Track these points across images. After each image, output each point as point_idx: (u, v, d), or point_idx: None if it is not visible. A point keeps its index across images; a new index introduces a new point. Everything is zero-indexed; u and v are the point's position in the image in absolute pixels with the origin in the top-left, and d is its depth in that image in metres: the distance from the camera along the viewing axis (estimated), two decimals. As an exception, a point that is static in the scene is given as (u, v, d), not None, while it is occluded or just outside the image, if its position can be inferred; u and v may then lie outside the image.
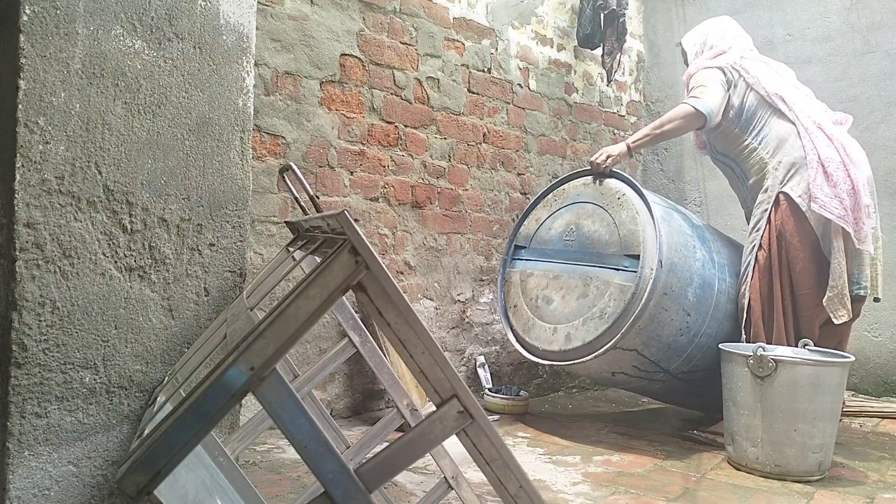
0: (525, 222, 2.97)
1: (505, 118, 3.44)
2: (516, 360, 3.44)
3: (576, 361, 2.57)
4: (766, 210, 2.60)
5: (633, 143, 2.77)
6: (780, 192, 2.57)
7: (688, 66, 2.90)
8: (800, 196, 2.52)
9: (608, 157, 2.73)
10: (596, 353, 2.49)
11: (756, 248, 2.61)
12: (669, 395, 2.91)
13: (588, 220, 2.72)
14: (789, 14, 3.81)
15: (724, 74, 2.69)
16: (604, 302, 2.52)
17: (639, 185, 2.64)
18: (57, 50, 1.17)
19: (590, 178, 2.80)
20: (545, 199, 2.93)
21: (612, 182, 2.72)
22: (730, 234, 3.38)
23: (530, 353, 2.75)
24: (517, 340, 2.82)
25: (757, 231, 2.62)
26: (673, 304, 2.48)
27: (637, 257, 2.49)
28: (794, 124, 2.60)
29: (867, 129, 3.53)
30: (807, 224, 2.52)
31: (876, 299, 2.65)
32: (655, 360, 2.59)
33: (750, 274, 2.61)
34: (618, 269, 2.54)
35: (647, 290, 2.42)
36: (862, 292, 2.56)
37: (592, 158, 2.77)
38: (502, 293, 2.96)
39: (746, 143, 2.68)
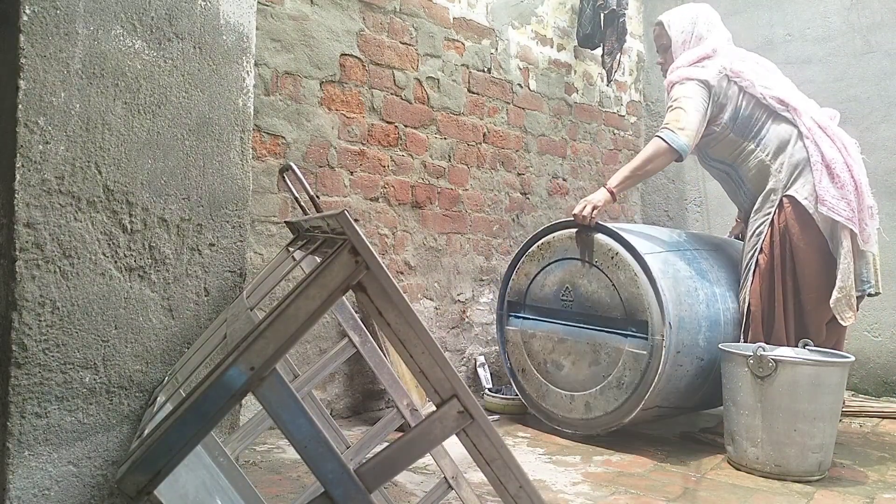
0: (513, 276, 2.85)
1: (505, 118, 3.44)
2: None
3: (601, 431, 2.57)
4: (769, 213, 2.57)
5: (616, 188, 2.60)
6: (783, 195, 2.54)
7: (668, 46, 2.73)
8: (806, 198, 2.49)
9: (593, 208, 2.55)
10: (621, 423, 2.50)
11: (757, 252, 2.58)
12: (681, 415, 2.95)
13: (584, 280, 2.61)
14: (789, 14, 3.82)
15: (709, 89, 2.57)
16: (618, 371, 2.47)
17: (628, 240, 2.49)
18: (57, 50, 1.17)
19: (574, 230, 2.64)
20: (530, 250, 2.79)
21: (601, 237, 2.56)
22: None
23: (548, 419, 2.71)
24: (532, 406, 2.78)
25: (758, 235, 2.58)
26: (686, 357, 2.47)
27: (644, 321, 2.42)
28: (794, 125, 2.55)
29: (867, 129, 3.53)
30: (814, 226, 2.49)
31: (874, 294, 2.63)
32: (675, 406, 2.63)
33: (750, 278, 2.59)
34: (626, 335, 2.46)
35: (662, 357, 2.37)
36: (871, 290, 2.55)
37: (576, 211, 2.58)
38: (505, 353, 2.88)
39: (743, 146, 2.62)
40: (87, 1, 1.21)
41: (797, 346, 2.46)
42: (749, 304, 2.57)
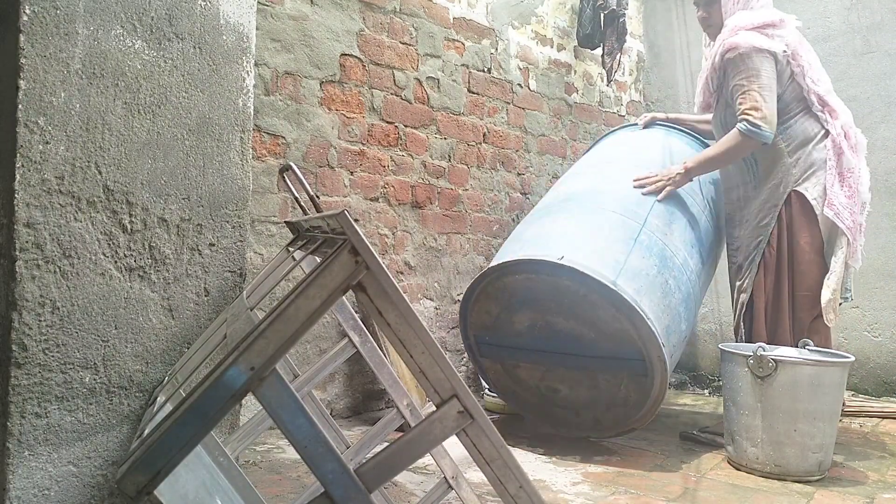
0: (471, 312, 2.56)
1: (505, 118, 3.44)
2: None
3: (613, 435, 2.55)
4: (777, 206, 2.55)
5: (696, 169, 2.52)
6: (792, 191, 2.53)
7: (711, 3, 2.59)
8: (815, 199, 2.48)
9: (669, 180, 2.51)
10: (633, 428, 2.49)
11: (764, 245, 2.57)
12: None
13: (559, 318, 2.40)
14: (789, 14, 3.81)
15: (776, 64, 2.44)
16: (623, 392, 2.42)
17: (594, 277, 2.22)
18: (57, 50, 1.17)
19: (534, 273, 2.34)
20: (481, 286, 2.49)
21: (564, 281, 2.30)
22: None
23: (555, 427, 2.64)
24: (535, 418, 2.68)
25: (765, 227, 2.57)
26: (677, 347, 2.49)
27: (638, 349, 2.31)
28: (822, 126, 2.52)
29: (867, 129, 3.52)
30: (816, 227, 2.50)
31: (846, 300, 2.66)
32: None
33: (755, 270, 2.58)
34: (622, 360, 2.36)
35: (664, 373, 2.31)
36: (850, 297, 2.58)
37: (644, 182, 2.52)
38: (489, 380, 2.70)
39: None
40: (87, 1, 1.21)
41: (797, 346, 2.46)
42: (753, 297, 2.57)
